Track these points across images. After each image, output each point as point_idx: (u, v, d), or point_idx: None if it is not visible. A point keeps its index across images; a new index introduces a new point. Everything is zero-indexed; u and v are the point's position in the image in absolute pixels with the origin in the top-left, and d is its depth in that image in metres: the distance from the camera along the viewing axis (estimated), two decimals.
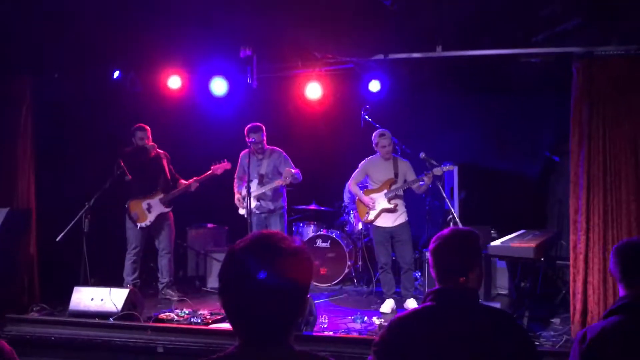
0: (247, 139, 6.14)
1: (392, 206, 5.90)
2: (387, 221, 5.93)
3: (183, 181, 6.52)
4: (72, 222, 5.76)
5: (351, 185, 6.14)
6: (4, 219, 5.58)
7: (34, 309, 5.62)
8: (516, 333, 2.19)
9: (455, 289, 2.24)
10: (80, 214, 5.81)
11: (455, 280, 2.24)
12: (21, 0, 4.94)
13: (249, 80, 6.28)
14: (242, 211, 6.33)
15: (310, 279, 1.58)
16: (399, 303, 5.99)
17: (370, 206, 5.94)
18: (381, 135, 5.91)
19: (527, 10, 4.98)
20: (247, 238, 1.56)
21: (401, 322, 2.24)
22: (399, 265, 6.10)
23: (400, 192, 5.92)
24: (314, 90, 6.77)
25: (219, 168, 6.40)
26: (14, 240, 5.77)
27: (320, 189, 6.68)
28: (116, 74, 6.76)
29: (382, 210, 5.92)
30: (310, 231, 7.63)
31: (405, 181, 5.89)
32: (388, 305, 5.86)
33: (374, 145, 5.99)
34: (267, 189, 6.20)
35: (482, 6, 4.87)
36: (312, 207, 7.80)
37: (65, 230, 5.70)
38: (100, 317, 5.17)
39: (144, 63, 6.76)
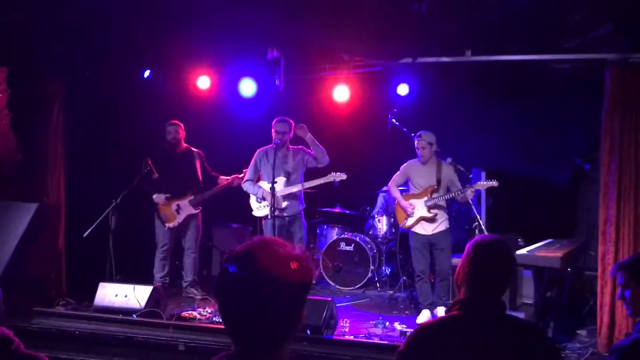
0: (272, 131, 6.06)
1: (431, 215, 5.69)
2: (426, 229, 5.73)
3: (223, 177, 6.53)
4: (99, 219, 5.87)
5: (391, 187, 5.95)
6: (34, 214, 5.69)
7: (60, 303, 5.73)
8: (545, 347, 2.15)
9: (484, 299, 2.20)
10: (107, 211, 5.92)
11: (494, 295, 2.21)
12: (52, 1, 5.03)
13: (276, 82, 6.29)
14: (259, 212, 6.18)
15: (307, 288, 1.54)
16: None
17: (408, 212, 5.78)
18: (418, 136, 5.72)
19: (558, 16, 4.89)
20: (245, 244, 1.53)
21: (426, 331, 2.22)
22: (434, 273, 5.94)
23: (442, 202, 5.71)
24: (341, 93, 6.76)
25: None
26: (42, 235, 5.88)
27: (345, 192, 6.66)
28: (147, 73, 6.86)
29: (420, 218, 5.74)
30: (334, 234, 7.63)
31: (448, 190, 5.68)
32: (425, 316, 5.64)
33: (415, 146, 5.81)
34: (298, 188, 6.05)
35: (513, 11, 4.80)
36: (337, 209, 7.80)
37: (92, 226, 5.81)
38: (123, 314, 5.24)
39: (173, 63, 6.84)
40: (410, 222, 5.79)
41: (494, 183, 5.51)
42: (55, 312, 5.50)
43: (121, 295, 5.37)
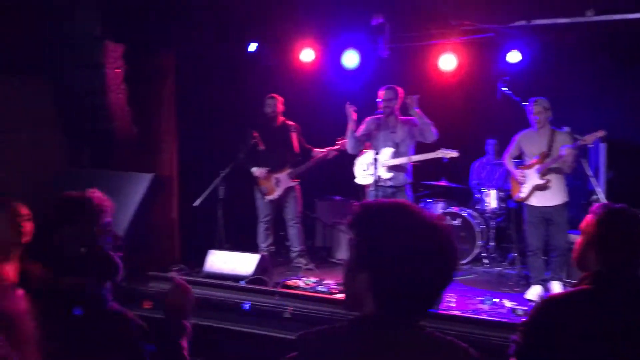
0: (379, 100, 5.92)
1: (543, 182, 5.41)
2: (541, 200, 5.45)
3: (317, 150, 6.55)
4: (209, 189, 6.07)
5: (506, 160, 5.77)
6: (149, 184, 5.96)
7: (174, 268, 6.01)
8: None
9: (617, 271, 2.00)
10: (215, 181, 6.11)
11: (629, 267, 2.01)
12: None
13: (379, 52, 6.15)
14: (362, 180, 6.13)
15: (455, 257, 1.47)
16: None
17: (519, 181, 5.55)
18: (535, 101, 5.46)
19: None
20: (393, 205, 1.45)
21: (553, 304, 2.06)
22: (548, 247, 5.63)
23: (555, 167, 5.40)
24: (448, 62, 6.50)
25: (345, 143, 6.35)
26: (157, 204, 6.17)
27: (451, 165, 6.43)
28: (253, 46, 6.95)
29: (534, 188, 5.47)
30: (439, 208, 7.42)
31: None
32: (535, 292, 5.40)
33: (528, 113, 5.54)
34: (402, 161, 5.90)
35: None
36: (442, 183, 7.56)
37: (203, 196, 6.02)
38: (231, 280, 5.41)
39: (279, 37, 6.89)
40: (524, 192, 5.53)
41: (600, 133, 5.14)
42: (168, 276, 5.76)
43: (229, 262, 5.54)
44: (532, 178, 5.50)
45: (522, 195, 5.56)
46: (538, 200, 5.48)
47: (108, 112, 5.89)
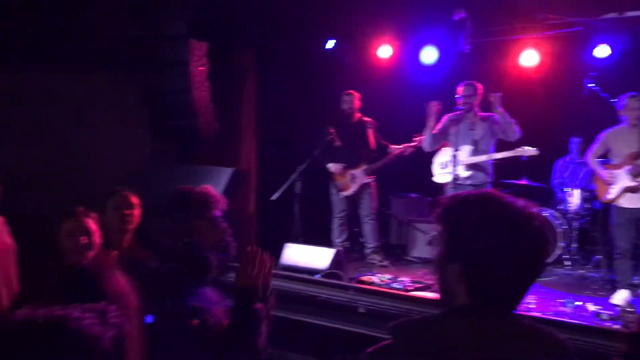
0: (458, 96, 5.82)
1: (636, 184, 5.13)
2: (632, 202, 5.19)
3: (393, 146, 6.54)
4: (286, 184, 6.19)
5: (589, 158, 5.53)
6: (230, 177, 6.15)
7: None
8: None
9: None
10: (292, 177, 6.21)
11: None
12: None
13: (460, 47, 6.05)
14: (440, 178, 6.08)
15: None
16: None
17: (608, 182, 5.30)
18: (632, 96, 5.18)
19: None
20: (500, 200, 1.42)
21: None
22: (638, 250, 5.37)
23: None
24: (529, 58, 6.31)
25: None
26: (236, 197, 6.35)
27: (532, 164, 6.23)
28: (330, 43, 7.02)
29: (625, 189, 5.21)
30: None
31: None
32: (621, 297, 5.12)
33: (620, 109, 5.27)
34: (481, 159, 5.79)
35: None
36: (523, 182, 7.34)
37: (280, 191, 6.14)
38: (307, 273, 5.49)
39: (355, 33, 6.93)
40: (613, 193, 5.27)
41: None
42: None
43: (305, 256, 5.62)
44: (623, 179, 5.23)
45: (611, 196, 5.31)
46: (629, 202, 5.22)
47: (192, 108, 6.11)
